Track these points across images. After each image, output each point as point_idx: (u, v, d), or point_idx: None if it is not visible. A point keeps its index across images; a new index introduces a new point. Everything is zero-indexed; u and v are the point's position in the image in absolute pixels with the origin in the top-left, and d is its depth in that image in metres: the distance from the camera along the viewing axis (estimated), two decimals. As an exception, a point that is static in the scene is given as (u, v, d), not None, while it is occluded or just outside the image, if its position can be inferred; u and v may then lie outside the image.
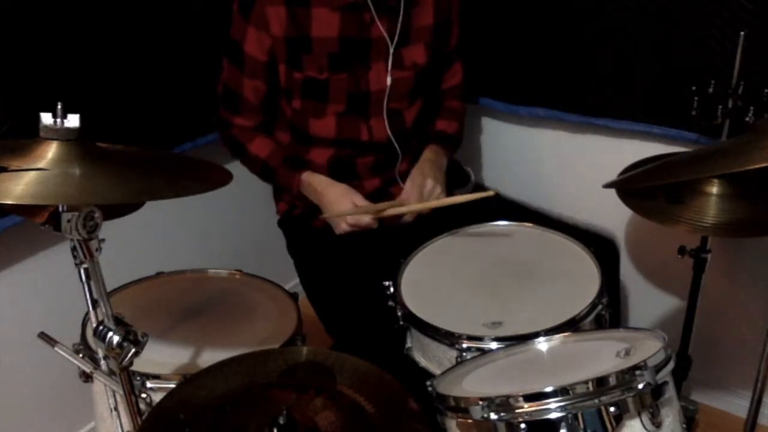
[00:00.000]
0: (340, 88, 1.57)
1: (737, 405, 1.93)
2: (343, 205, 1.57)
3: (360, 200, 1.58)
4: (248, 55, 1.56)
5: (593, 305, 1.32)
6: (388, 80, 1.58)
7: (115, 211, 1.09)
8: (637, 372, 1.02)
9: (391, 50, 1.56)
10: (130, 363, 1.01)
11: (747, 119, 1.54)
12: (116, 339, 0.98)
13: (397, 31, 1.55)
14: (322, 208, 1.61)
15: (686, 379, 1.79)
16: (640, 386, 1.01)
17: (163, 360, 1.29)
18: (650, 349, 1.07)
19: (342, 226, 1.56)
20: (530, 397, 1.02)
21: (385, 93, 1.59)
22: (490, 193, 1.45)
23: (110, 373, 1.18)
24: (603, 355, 1.14)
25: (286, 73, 1.57)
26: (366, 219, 1.54)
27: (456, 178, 1.78)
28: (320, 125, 1.61)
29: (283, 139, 1.69)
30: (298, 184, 1.62)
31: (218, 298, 1.51)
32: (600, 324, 1.34)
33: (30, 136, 0.96)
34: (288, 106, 1.62)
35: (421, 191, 1.60)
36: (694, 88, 1.59)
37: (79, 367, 1.26)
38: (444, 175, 1.68)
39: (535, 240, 1.56)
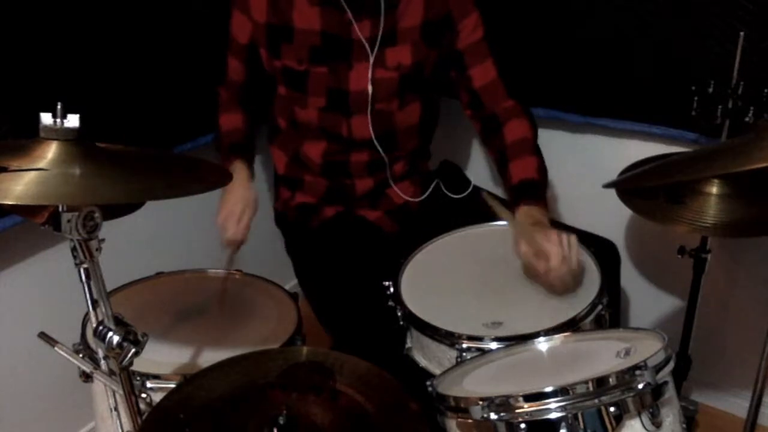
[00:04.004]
0: (320, 82, 1.56)
1: (737, 405, 1.93)
2: (225, 203, 1.54)
3: (235, 210, 1.52)
4: (232, 35, 1.62)
5: (593, 305, 1.32)
6: (371, 81, 1.55)
7: (115, 211, 1.09)
8: (637, 372, 1.02)
9: (372, 52, 1.53)
10: (130, 363, 1.01)
11: (747, 119, 1.54)
12: (116, 339, 0.98)
13: (380, 33, 1.52)
14: (223, 194, 1.57)
15: (686, 379, 1.79)
16: (640, 386, 1.01)
17: (163, 360, 1.29)
18: (650, 349, 1.07)
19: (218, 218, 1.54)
20: (530, 397, 1.02)
21: (367, 94, 1.56)
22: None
23: (110, 373, 1.18)
24: (603, 355, 1.15)
25: (267, 59, 1.59)
26: (226, 234, 1.52)
27: (455, 184, 1.77)
28: (304, 115, 1.61)
29: (282, 125, 1.69)
30: (227, 168, 1.60)
31: (218, 298, 1.51)
32: (600, 324, 1.34)
33: (30, 136, 0.96)
34: (277, 91, 1.64)
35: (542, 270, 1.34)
36: (694, 88, 1.60)
37: (79, 367, 1.26)
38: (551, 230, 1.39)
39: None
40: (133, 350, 0.99)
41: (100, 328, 0.99)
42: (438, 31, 1.57)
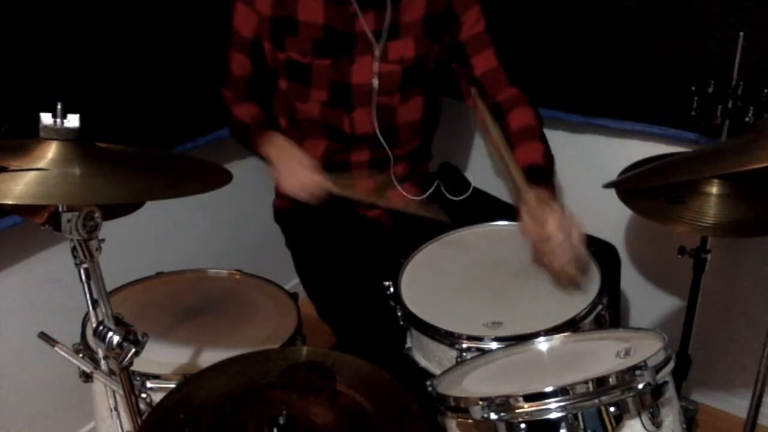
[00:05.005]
0: (323, 75, 1.56)
1: (737, 405, 1.93)
2: (294, 166, 1.50)
3: (308, 164, 1.49)
4: (235, 30, 1.59)
5: (593, 305, 1.32)
6: (374, 75, 1.56)
7: (115, 211, 1.09)
8: (637, 372, 1.02)
9: (378, 45, 1.53)
10: (130, 363, 1.01)
11: (747, 119, 1.54)
12: (116, 339, 0.98)
13: (385, 27, 1.52)
14: (276, 166, 1.54)
15: (686, 379, 1.79)
16: (640, 386, 1.01)
17: (163, 360, 1.29)
18: (650, 349, 1.07)
19: (290, 183, 1.50)
20: (530, 397, 1.02)
21: (370, 87, 1.57)
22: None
23: (110, 373, 1.18)
24: (603, 355, 1.14)
25: (270, 52, 1.58)
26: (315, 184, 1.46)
27: (455, 185, 1.77)
28: (305, 110, 1.61)
29: (282, 123, 1.69)
30: (265, 141, 1.57)
31: (218, 298, 1.51)
32: (600, 324, 1.34)
33: (30, 136, 0.96)
34: (278, 86, 1.63)
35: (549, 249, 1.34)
36: (694, 88, 1.60)
37: (79, 367, 1.26)
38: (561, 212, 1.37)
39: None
40: (133, 350, 0.99)
41: (100, 328, 0.99)
42: (440, 24, 1.58)
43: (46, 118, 0.95)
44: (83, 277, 0.98)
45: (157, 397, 1.23)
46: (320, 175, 1.48)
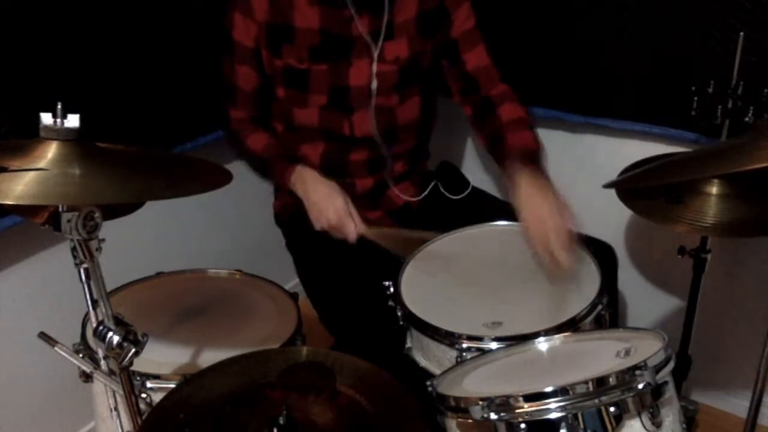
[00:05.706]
0: (321, 80, 1.56)
1: (737, 405, 1.93)
2: (327, 204, 1.50)
3: (342, 205, 1.50)
4: (236, 41, 1.57)
5: (593, 305, 1.32)
6: (373, 76, 1.56)
7: (115, 211, 1.09)
8: (637, 372, 1.02)
9: (375, 47, 1.54)
10: (130, 363, 1.01)
11: (747, 119, 1.54)
12: (116, 339, 0.98)
13: (383, 29, 1.53)
14: (307, 204, 1.55)
15: (686, 379, 1.79)
16: (640, 386, 1.01)
17: (163, 360, 1.29)
18: (650, 349, 1.07)
19: (323, 222, 1.50)
20: (530, 397, 1.02)
21: (369, 88, 1.57)
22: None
23: (110, 373, 1.18)
24: (603, 355, 1.14)
25: (268, 59, 1.58)
26: (351, 229, 1.47)
27: (454, 184, 1.78)
28: (304, 116, 1.61)
29: (278, 129, 1.69)
30: (290, 176, 1.58)
31: (218, 298, 1.51)
32: (600, 324, 1.34)
33: (30, 136, 0.96)
34: (275, 94, 1.63)
35: (544, 232, 1.38)
36: (694, 88, 1.60)
37: (79, 367, 1.26)
38: (555, 195, 1.44)
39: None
40: (133, 350, 0.99)
41: (100, 328, 0.99)
42: (433, 21, 1.59)
43: (46, 118, 0.95)
44: (83, 277, 0.98)
45: (157, 397, 1.23)
46: (361, 222, 1.48)
